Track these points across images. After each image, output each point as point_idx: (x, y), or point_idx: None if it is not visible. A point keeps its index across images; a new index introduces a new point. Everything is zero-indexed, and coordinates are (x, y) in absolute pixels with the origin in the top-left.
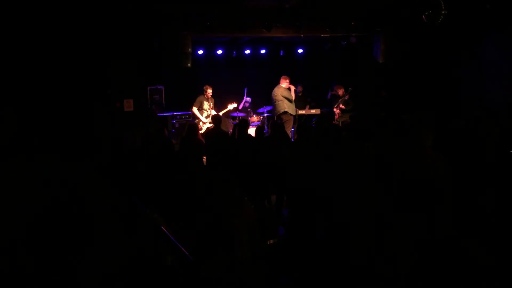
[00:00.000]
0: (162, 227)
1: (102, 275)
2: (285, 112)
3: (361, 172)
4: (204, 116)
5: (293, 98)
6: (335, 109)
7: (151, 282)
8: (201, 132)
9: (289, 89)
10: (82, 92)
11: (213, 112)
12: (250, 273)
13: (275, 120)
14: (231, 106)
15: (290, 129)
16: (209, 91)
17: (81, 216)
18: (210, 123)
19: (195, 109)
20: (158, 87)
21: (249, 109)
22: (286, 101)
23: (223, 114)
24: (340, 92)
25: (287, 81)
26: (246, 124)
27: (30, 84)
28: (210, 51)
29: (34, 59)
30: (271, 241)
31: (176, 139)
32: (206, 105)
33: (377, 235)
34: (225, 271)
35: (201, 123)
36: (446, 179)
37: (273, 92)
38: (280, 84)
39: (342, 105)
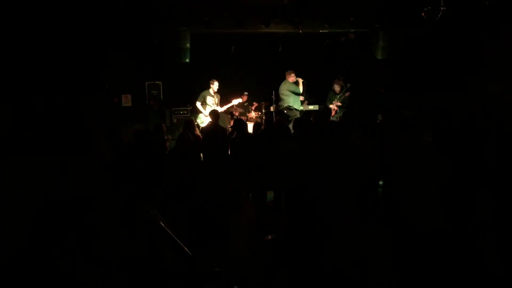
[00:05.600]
0: (161, 223)
1: (101, 272)
2: (289, 107)
3: (355, 169)
4: (207, 111)
5: (301, 91)
6: (331, 105)
7: (150, 278)
8: (202, 126)
9: (296, 82)
10: (80, 88)
11: (219, 108)
12: (248, 269)
13: (269, 116)
14: (235, 101)
15: None
16: (215, 84)
17: (78, 213)
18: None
19: (198, 104)
20: (157, 82)
21: (246, 104)
22: (292, 95)
23: (227, 109)
24: (337, 88)
25: (293, 75)
26: (242, 124)
27: (25, 79)
28: (208, 47)
29: (30, 55)
30: (269, 237)
31: (174, 135)
32: (209, 100)
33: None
34: (223, 266)
35: (202, 116)
36: (443, 175)
37: (279, 88)
38: (286, 79)
39: (340, 102)
